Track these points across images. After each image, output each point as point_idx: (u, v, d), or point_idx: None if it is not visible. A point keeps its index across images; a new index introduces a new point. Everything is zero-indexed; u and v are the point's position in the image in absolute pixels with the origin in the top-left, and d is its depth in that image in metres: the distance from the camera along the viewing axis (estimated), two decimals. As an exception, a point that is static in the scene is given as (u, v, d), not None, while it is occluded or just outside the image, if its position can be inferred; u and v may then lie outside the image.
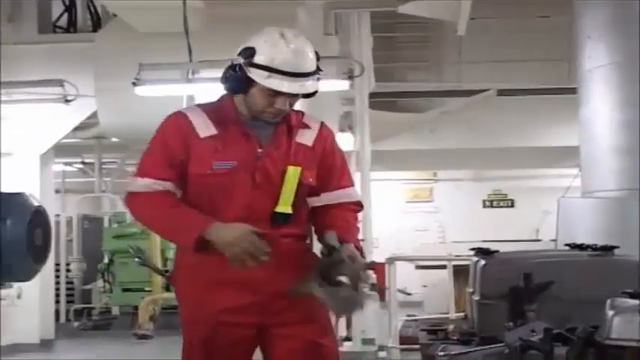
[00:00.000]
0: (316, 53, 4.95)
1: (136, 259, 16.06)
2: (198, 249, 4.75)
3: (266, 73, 4.77)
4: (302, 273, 4.83)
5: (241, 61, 4.82)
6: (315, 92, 5.00)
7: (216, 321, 4.94)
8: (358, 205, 5.27)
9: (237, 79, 4.83)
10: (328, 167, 5.09)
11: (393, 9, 14.30)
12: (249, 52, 4.82)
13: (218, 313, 4.92)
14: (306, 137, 5.05)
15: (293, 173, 4.88)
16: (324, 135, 5.13)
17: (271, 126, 4.98)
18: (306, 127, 5.07)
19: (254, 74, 4.78)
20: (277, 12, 11.94)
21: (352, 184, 5.26)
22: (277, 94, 4.80)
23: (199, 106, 5.12)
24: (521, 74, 18.40)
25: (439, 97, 20.51)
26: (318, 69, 4.95)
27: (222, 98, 5.08)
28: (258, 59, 4.79)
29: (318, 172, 5.04)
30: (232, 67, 4.86)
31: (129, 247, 16.68)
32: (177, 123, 4.98)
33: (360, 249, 4.97)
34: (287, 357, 5.00)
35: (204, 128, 4.90)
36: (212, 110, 5.01)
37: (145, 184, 4.91)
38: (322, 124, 5.18)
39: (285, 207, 4.89)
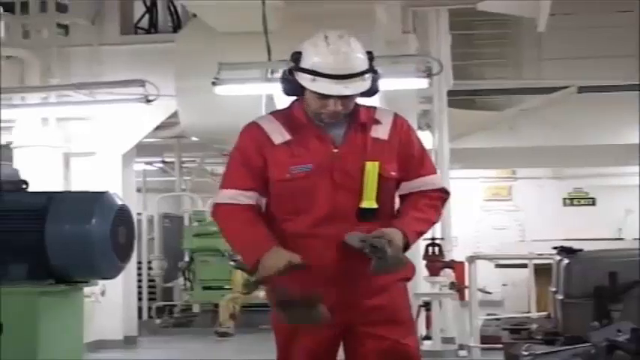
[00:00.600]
0: (369, 53, 4.94)
1: (231, 263, 16.22)
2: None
3: (311, 77, 4.80)
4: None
5: (291, 65, 4.89)
6: (375, 91, 5.00)
7: None
8: (442, 192, 5.19)
9: (290, 84, 4.92)
10: (407, 157, 5.04)
11: (472, 6, 14.23)
12: (296, 57, 4.89)
13: None
14: (381, 131, 5.01)
15: (371, 168, 4.86)
16: (399, 126, 5.08)
17: (343, 125, 4.99)
18: (378, 122, 5.03)
19: (301, 78, 4.84)
20: (355, 10, 11.92)
21: (434, 172, 5.21)
22: (326, 96, 4.81)
23: (272, 114, 5.17)
24: (602, 71, 18.16)
25: (518, 95, 20.36)
26: (371, 68, 4.92)
27: (292, 104, 5.11)
28: (303, 63, 4.84)
29: (399, 163, 5.00)
30: (287, 71, 4.94)
31: (226, 251, 16.88)
32: (252, 133, 5.05)
33: (407, 237, 4.85)
34: (373, 357, 5.00)
35: (278, 135, 4.96)
36: (284, 116, 5.06)
37: (229, 195, 5.02)
38: (395, 115, 5.15)
39: (369, 202, 4.87)
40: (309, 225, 4.92)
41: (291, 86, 4.91)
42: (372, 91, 4.97)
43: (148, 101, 13.39)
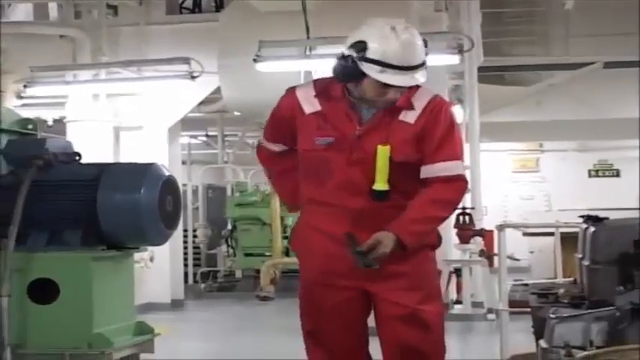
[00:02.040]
0: (425, 42, 4.90)
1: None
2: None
3: (379, 68, 4.73)
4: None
5: (354, 54, 4.78)
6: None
7: (322, 282, 5.13)
8: (458, 180, 5.02)
9: (350, 72, 4.81)
10: (427, 139, 4.93)
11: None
12: (361, 46, 4.77)
13: (322, 275, 5.11)
14: (410, 115, 4.94)
15: (382, 152, 4.82)
16: (430, 109, 4.96)
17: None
18: (411, 106, 4.93)
19: (367, 68, 4.75)
20: (391, -10, 11.92)
21: (454, 158, 5.01)
22: (389, 86, 4.77)
23: (315, 81, 5.20)
24: (627, 47, 18.02)
25: (546, 71, 20.27)
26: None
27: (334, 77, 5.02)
28: (370, 54, 4.74)
29: (420, 144, 4.93)
30: (344, 58, 4.84)
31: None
32: (287, 99, 5.15)
33: (411, 232, 4.85)
34: (386, 322, 5.08)
35: (309, 105, 5.00)
36: (323, 87, 5.07)
37: (265, 144, 5.41)
38: (432, 98, 5.02)
39: (381, 184, 4.86)
40: (323, 194, 5.00)
41: (350, 73, 4.82)
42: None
43: (193, 78, 13.45)
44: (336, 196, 4.95)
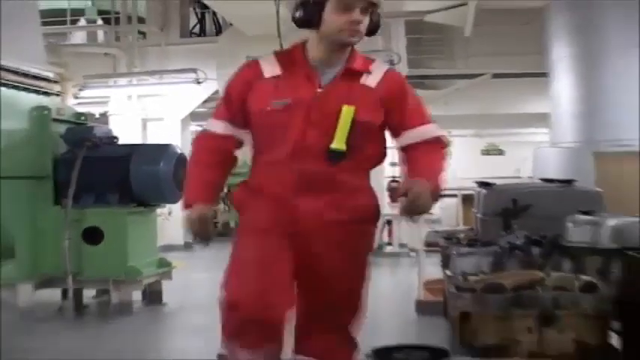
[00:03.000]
0: None
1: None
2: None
3: None
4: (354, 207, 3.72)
5: None
6: (377, 28, 3.71)
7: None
8: (442, 139, 3.86)
9: (309, 9, 3.57)
10: (398, 108, 3.73)
11: (420, 18, 14.24)
12: None
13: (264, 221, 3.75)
14: (371, 79, 3.67)
15: (347, 111, 3.54)
16: (390, 77, 3.75)
17: (336, 70, 3.67)
18: (369, 72, 3.68)
19: None
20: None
21: (431, 121, 3.85)
22: (351, 9, 3.53)
23: (276, 52, 3.83)
24: (510, 63, 18.11)
25: (452, 79, 20.31)
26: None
27: (295, 44, 3.80)
28: None
29: (390, 114, 3.71)
30: (301, 3, 3.59)
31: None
32: (247, 67, 3.80)
33: (431, 181, 3.62)
34: (306, 280, 3.73)
35: (270, 70, 3.68)
36: (284, 54, 3.79)
37: (207, 124, 3.93)
38: (389, 69, 3.84)
39: (339, 144, 3.56)
40: (275, 156, 3.67)
41: (308, 13, 3.56)
42: (376, 28, 3.69)
43: (199, 83, 13.50)
44: (288, 159, 3.62)
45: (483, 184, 7.29)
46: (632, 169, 9.17)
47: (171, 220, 14.89)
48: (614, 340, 5.03)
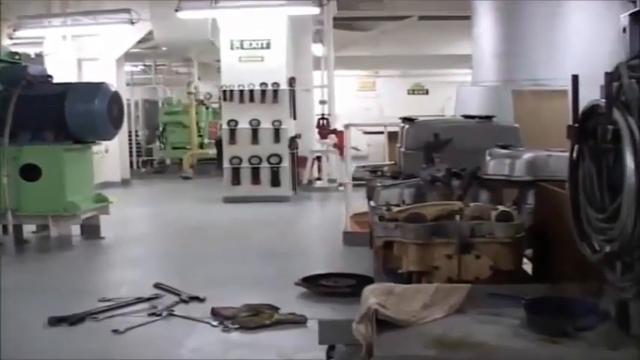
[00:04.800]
0: None
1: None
2: None
3: None
4: None
5: None
6: None
7: None
8: None
9: None
10: None
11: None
12: None
13: None
14: None
15: None
16: None
17: None
18: None
19: None
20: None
21: None
22: None
23: None
24: (438, 5, 18.05)
25: (381, 21, 20.27)
26: None
27: None
28: None
29: None
30: None
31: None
32: None
33: None
34: None
35: None
36: None
37: None
38: None
39: None
40: None
41: None
42: None
43: (132, 23, 13.29)
44: None
45: (407, 120, 7.31)
46: (547, 107, 9.33)
47: (109, 158, 14.77)
48: (527, 266, 5.18)
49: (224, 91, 12.75)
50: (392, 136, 10.76)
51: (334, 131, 14.09)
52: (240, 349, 4.78)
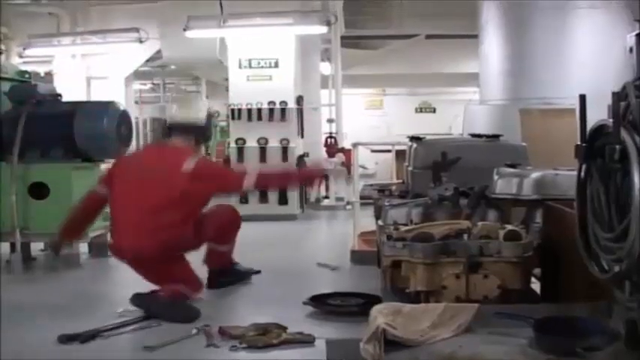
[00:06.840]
0: None
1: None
2: None
3: None
4: None
5: None
6: None
7: None
8: None
9: None
10: None
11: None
12: None
13: None
14: None
15: None
16: None
17: None
18: None
19: None
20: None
21: None
22: None
23: None
24: (445, 25, 18.10)
25: (388, 39, 20.32)
26: None
27: None
28: None
29: None
30: None
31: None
32: None
33: None
34: None
35: None
36: None
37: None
38: None
39: None
40: None
41: None
42: None
43: (141, 42, 13.34)
44: None
45: (415, 139, 7.32)
46: (555, 125, 9.33)
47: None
48: (535, 285, 5.17)
49: (232, 110, 12.80)
50: (399, 155, 10.78)
51: (342, 150, 14.11)
52: (248, 369, 4.76)
